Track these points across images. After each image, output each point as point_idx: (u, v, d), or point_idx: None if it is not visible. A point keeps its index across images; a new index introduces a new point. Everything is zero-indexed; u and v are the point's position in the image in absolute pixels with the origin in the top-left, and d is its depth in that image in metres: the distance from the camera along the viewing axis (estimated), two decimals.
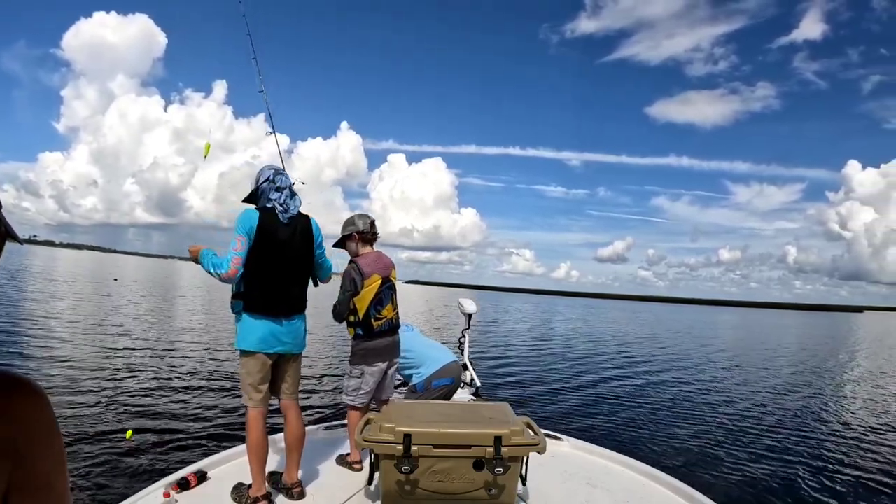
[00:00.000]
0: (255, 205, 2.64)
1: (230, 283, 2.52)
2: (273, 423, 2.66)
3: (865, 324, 73.96)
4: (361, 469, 2.92)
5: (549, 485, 2.82)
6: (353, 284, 2.99)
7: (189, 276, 55.22)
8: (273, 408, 2.64)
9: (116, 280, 36.90)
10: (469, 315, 5.25)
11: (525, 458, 2.43)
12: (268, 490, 2.53)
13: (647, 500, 2.75)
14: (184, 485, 2.55)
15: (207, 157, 3.36)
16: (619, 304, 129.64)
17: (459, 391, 4.33)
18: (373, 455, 2.46)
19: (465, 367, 4.75)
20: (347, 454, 3.04)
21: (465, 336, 5.09)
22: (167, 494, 2.40)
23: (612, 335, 25.80)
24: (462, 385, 4.49)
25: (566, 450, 3.43)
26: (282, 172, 2.70)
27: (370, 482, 2.62)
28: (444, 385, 3.97)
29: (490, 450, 2.27)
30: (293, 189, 2.71)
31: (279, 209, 2.60)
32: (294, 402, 2.73)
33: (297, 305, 2.66)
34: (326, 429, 3.58)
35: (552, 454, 3.00)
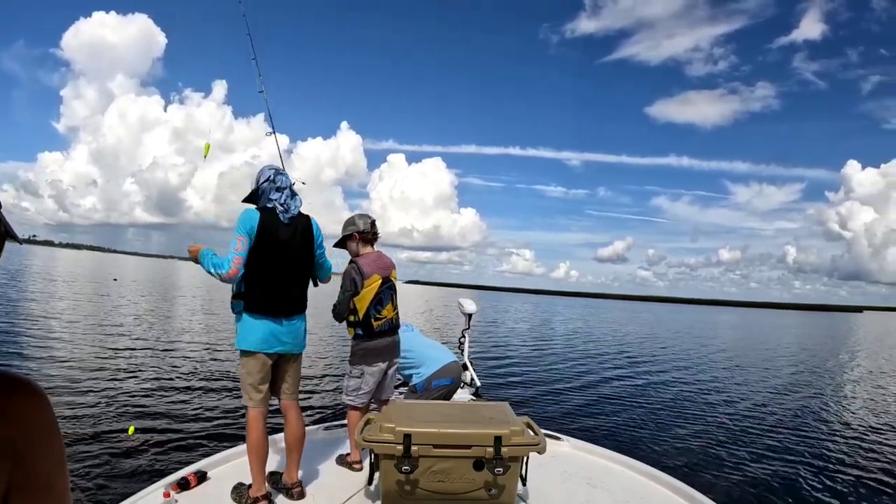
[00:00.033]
0: (256, 205, 2.64)
1: (231, 283, 2.52)
2: (273, 423, 2.66)
3: (865, 324, 73.93)
4: (361, 469, 2.92)
5: (550, 485, 2.82)
6: (354, 284, 2.99)
7: (189, 276, 55.20)
8: (273, 408, 2.64)
9: (116, 280, 36.87)
10: (469, 315, 5.25)
11: (525, 458, 2.43)
12: (268, 490, 2.53)
13: (648, 500, 2.75)
14: (184, 485, 2.55)
15: (207, 157, 3.36)
16: (619, 304, 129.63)
17: (459, 391, 4.33)
18: (373, 455, 2.46)
19: (465, 367, 4.75)
20: (347, 454, 3.04)
21: (465, 336, 5.10)
22: (167, 494, 2.40)
23: (612, 335, 25.78)
24: (462, 385, 4.49)
25: (566, 450, 3.43)
26: (282, 172, 2.70)
27: (370, 482, 2.62)
28: (444, 385, 3.97)
29: (490, 450, 2.27)
30: (293, 189, 2.71)
31: (280, 209, 2.60)
32: (294, 402, 2.73)
33: (298, 305, 2.66)
34: (326, 429, 3.58)
35: (552, 454, 3.00)
